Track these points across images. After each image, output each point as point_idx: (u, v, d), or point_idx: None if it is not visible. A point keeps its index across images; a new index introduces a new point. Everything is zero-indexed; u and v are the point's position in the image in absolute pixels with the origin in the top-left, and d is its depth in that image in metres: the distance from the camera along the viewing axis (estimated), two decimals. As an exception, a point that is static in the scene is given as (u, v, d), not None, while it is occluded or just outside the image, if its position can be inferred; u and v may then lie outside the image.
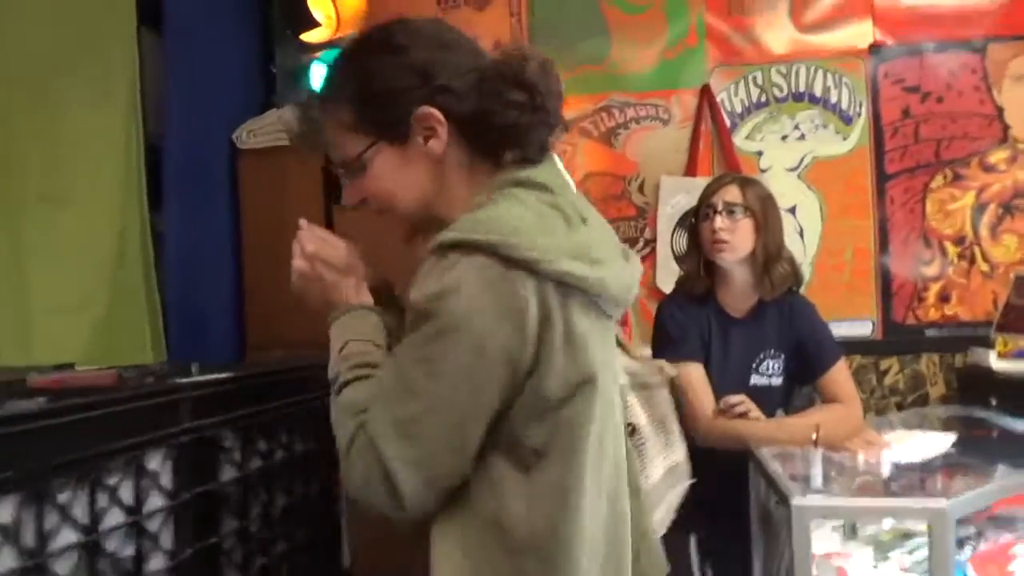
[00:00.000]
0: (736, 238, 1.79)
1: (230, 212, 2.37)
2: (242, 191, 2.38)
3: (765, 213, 1.81)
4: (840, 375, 1.84)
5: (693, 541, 1.94)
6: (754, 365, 1.86)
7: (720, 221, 1.80)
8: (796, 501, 1.29)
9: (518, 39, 2.79)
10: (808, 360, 1.86)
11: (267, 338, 2.24)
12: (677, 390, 1.81)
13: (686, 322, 1.84)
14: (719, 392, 1.80)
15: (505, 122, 0.88)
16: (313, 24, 2.48)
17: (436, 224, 0.89)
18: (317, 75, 2.45)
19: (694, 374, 1.80)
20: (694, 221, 1.89)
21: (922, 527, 1.36)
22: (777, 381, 1.87)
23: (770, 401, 1.89)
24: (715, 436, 1.75)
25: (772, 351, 1.87)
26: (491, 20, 2.80)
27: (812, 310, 1.90)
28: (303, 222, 1.04)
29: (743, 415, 1.71)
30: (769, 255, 1.80)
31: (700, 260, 1.86)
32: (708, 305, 1.88)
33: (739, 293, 1.87)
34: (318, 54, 2.47)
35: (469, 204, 0.88)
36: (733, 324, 1.88)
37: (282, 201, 2.31)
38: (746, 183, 1.86)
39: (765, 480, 1.56)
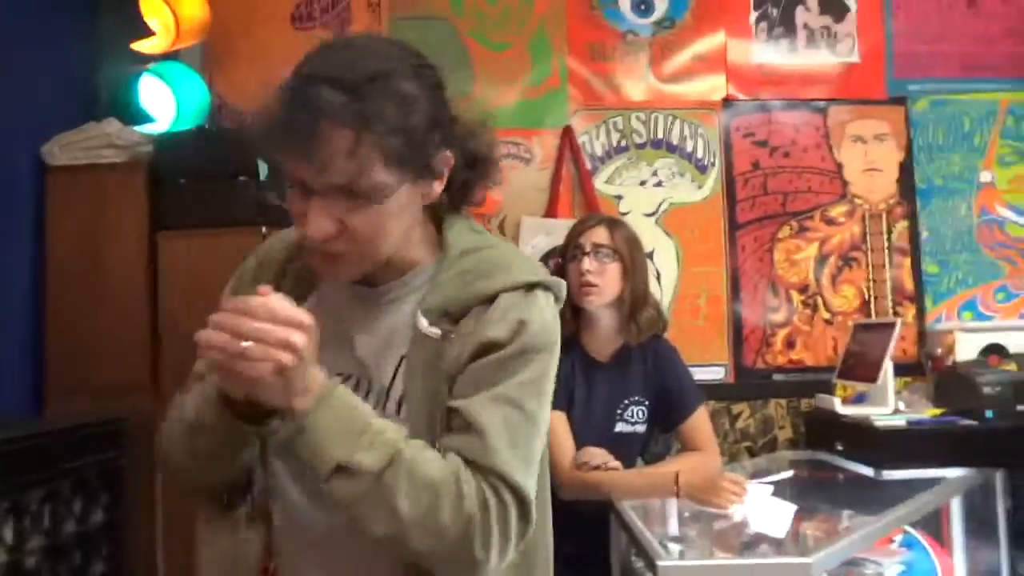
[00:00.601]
0: (604, 281, 1.75)
1: (33, 237, 2.04)
2: (49, 213, 2.06)
3: (632, 256, 1.78)
4: (700, 422, 1.82)
5: None
6: (619, 412, 1.81)
7: (588, 263, 1.75)
8: (662, 563, 1.21)
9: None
10: (671, 406, 1.82)
11: (71, 382, 1.92)
12: None
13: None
14: (583, 440, 1.73)
15: (489, 168, 0.95)
16: (147, 33, 2.24)
17: (387, 264, 0.90)
18: (147, 88, 2.20)
19: (556, 423, 1.71)
20: (561, 262, 1.82)
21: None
22: (641, 428, 1.82)
23: (633, 448, 1.84)
24: (575, 488, 1.67)
25: (637, 397, 1.82)
26: (349, 45, 2.65)
27: (676, 355, 1.87)
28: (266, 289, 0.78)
29: (598, 468, 1.64)
30: (636, 299, 1.77)
31: (568, 303, 1.79)
32: (572, 350, 1.81)
33: (604, 338, 1.82)
34: (150, 65, 2.22)
35: (428, 244, 0.94)
36: (598, 369, 1.82)
37: (97, 226, 2.03)
38: (614, 225, 1.82)
39: (628, 537, 1.47)
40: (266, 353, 0.71)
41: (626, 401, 1.81)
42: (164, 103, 2.25)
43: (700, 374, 2.61)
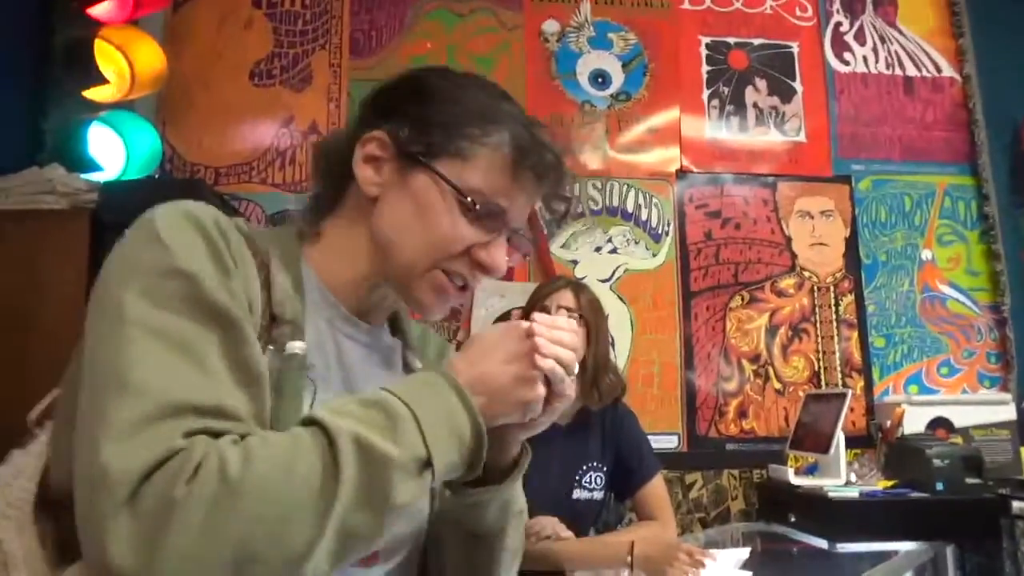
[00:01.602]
0: None
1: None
2: (-18, 257, 1.96)
3: (597, 322, 1.78)
4: (657, 490, 1.78)
5: None
6: (577, 477, 1.76)
7: None
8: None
9: (335, 124, 2.66)
10: (629, 472, 1.79)
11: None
12: None
13: None
14: (540, 506, 1.67)
15: None
16: (100, 81, 2.20)
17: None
18: (96, 136, 2.15)
19: None
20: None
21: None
22: (599, 495, 1.78)
23: (588, 516, 1.79)
24: (526, 558, 1.60)
25: (595, 463, 1.78)
26: (309, 102, 2.66)
27: (634, 421, 1.84)
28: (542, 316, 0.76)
29: (547, 539, 1.58)
30: (598, 365, 1.75)
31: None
32: None
33: None
34: (100, 113, 2.18)
35: None
36: (556, 433, 1.77)
37: (35, 274, 1.93)
38: (580, 289, 1.81)
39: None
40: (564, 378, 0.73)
41: (584, 467, 1.77)
42: (113, 152, 2.19)
43: (654, 442, 2.57)
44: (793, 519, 2.06)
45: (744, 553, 1.59)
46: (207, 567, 0.52)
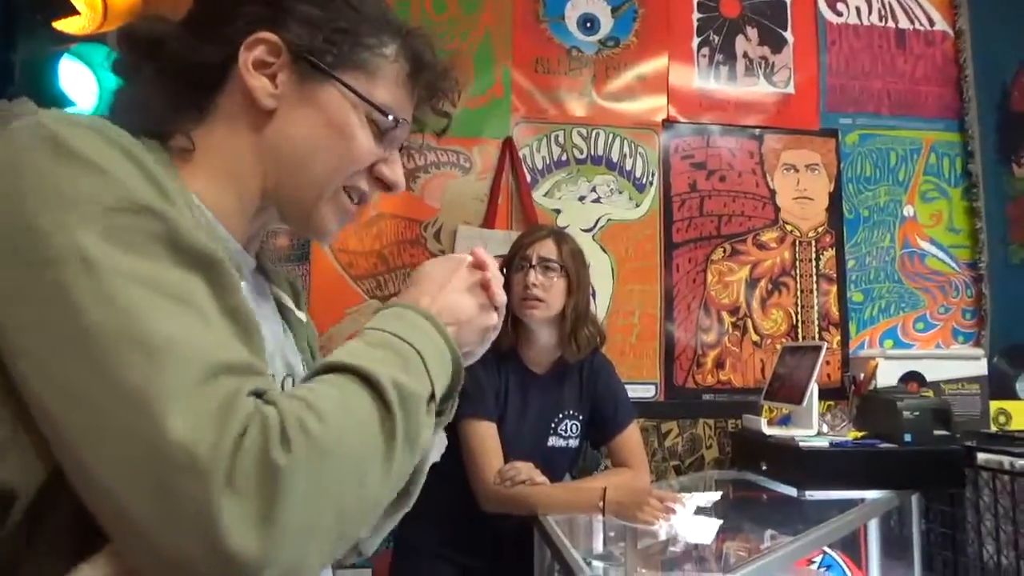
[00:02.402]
0: (549, 296, 1.73)
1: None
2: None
3: (578, 272, 1.77)
4: (632, 438, 1.81)
5: None
6: (553, 425, 1.78)
7: (534, 276, 1.72)
8: (583, 578, 1.17)
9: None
10: (604, 421, 1.81)
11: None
12: (465, 449, 1.68)
13: (484, 379, 1.72)
14: (515, 452, 1.70)
15: None
16: (69, 11, 2.12)
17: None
18: (67, 70, 2.08)
19: (486, 434, 1.68)
20: (505, 273, 1.79)
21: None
22: (574, 443, 1.81)
23: (563, 463, 1.82)
24: (498, 501, 1.63)
25: (571, 411, 1.80)
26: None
27: (611, 370, 1.86)
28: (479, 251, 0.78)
29: (522, 483, 1.61)
30: (578, 316, 1.75)
31: (509, 314, 1.75)
32: (509, 360, 1.77)
33: (542, 351, 1.80)
34: (71, 45, 2.11)
35: None
36: (533, 381, 1.79)
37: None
38: (562, 238, 1.80)
39: (551, 553, 1.44)
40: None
41: (560, 415, 1.79)
42: (85, 86, 2.13)
43: (631, 391, 2.59)
44: (765, 467, 2.10)
45: (714, 496, 1.62)
46: (320, 533, 0.49)
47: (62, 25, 2.13)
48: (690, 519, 1.52)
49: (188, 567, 0.45)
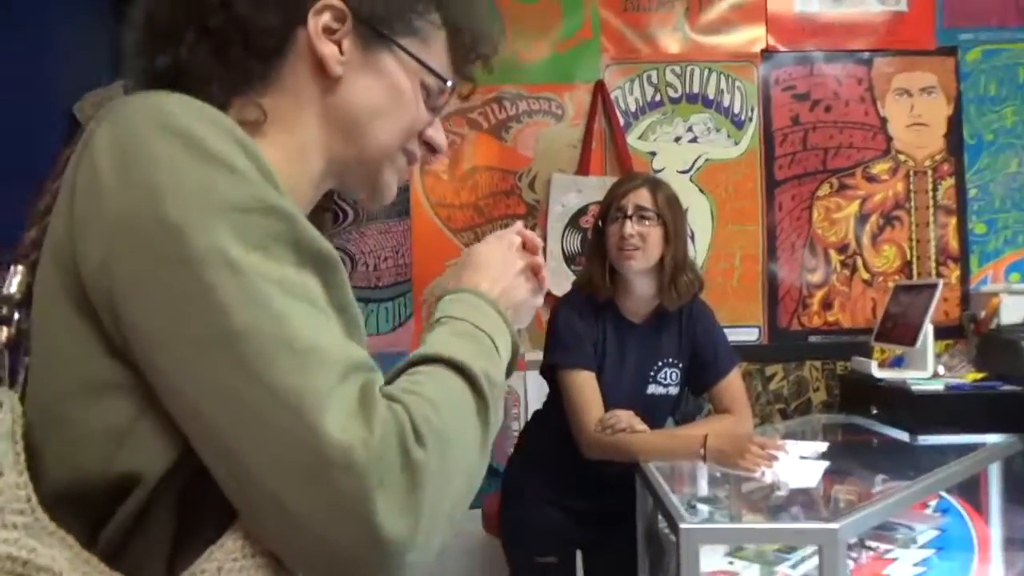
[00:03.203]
0: (646, 246, 1.70)
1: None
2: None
3: (675, 220, 1.72)
4: (733, 385, 1.79)
5: (579, 557, 1.86)
6: (652, 374, 1.78)
7: (630, 227, 1.69)
8: (685, 525, 1.20)
9: None
10: (704, 368, 1.79)
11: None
12: (566, 399, 1.71)
13: (582, 329, 1.74)
14: (614, 400, 1.71)
15: None
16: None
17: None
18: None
19: (585, 383, 1.70)
20: (601, 224, 1.77)
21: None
22: (673, 390, 1.80)
23: (663, 410, 1.82)
24: (600, 448, 1.66)
25: (671, 359, 1.79)
26: None
27: (711, 316, 1.83)
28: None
29: (623, 431, 1.63)
30: (677, 265, 1.71)
31: (606, 266, 1.75)
32: (607, 310, 1.78)
33: (640, 300, 1.78)
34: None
35: None
36: (631, 330, 1.79)
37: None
38: (657, 186, 1.76)
39: (653, 499, 1.46)
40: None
41: (659, 363, 1.79)
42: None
43: (734, 335, 2.56)
44: (875, 411, 2.04)
45: (820, 447, 1.59)
46: (443, 516, 0.53)
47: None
48: (794, 463, 1.51)
49: (344, 553, 0.49)
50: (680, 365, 1.79)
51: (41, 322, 0.54)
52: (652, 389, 1.78)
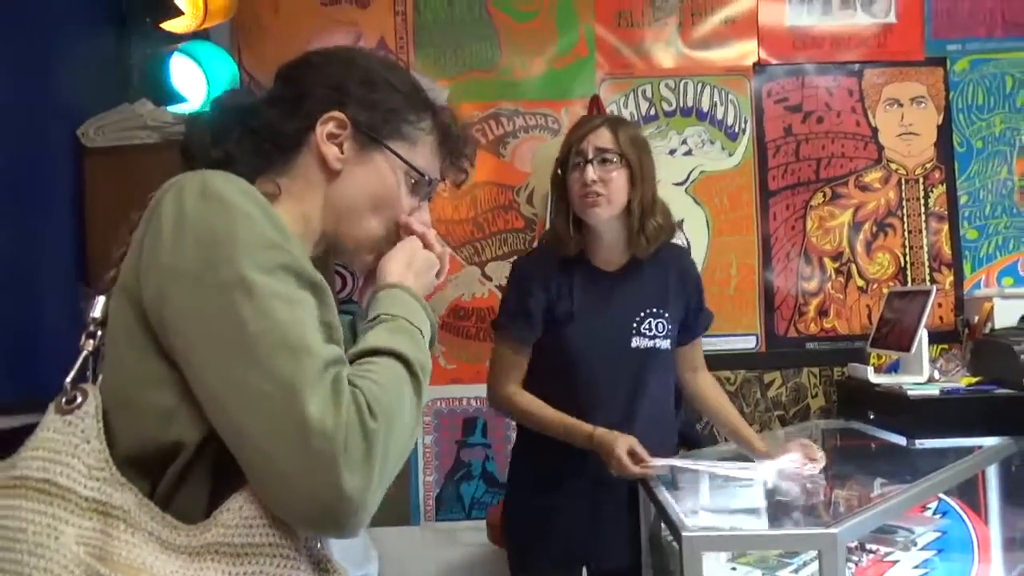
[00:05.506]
0: (610, 191, 1.57)
1: (73, 216, 2.10)
2: (87, 194, 2.11)
3: (640, 161, 1.60)
4: (700, 345, 1.79)
5: (585, 573, 1.82)
6: (635, 325, 1.66)
7: (592, 172, 1.56)
8: (687, 532, 1.22)
9: (403, 38, 2.66)
10: (685, 325, 1.73)
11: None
12: (492, 357, 1.72)
13: (536, 289, 1.64)
14: (594, 355, 1.64)
15: None
16: (175, 12, 2.25)
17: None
18: (178, 67, 2.22)
19: (511, 355, 1.68)
20: (560, 172, 1.65)
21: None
22: (663, 344, 1.67)
23: (657, 365, 1.69)
24: (506, 406, 1.69)
25: (655, 308, 1.67)
26: (375, 17, 2.66)
27: (698, 273, 1.81)
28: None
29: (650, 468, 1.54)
30: (644, 209, 1.59)
31: (570, 217, 1.63)
32: (575, 264, 1.66)
33: (611, 250, 1.67)
34: (179, 45, 2.25)
35: None
36: (606, 280, 1.67)
37: (135, 207, 2.07)
38: (618, 125, 1.63)
39: (655, 508, 1.49)
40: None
41: (642, 313, 1.66)
42: (194, 82, 2.27)
43: (731, 343, 2.61)
44: (872, 416, 2.07)
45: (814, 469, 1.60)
46: (389, 474, 0.70)
47: (169, 26, 2.27)
48: (790, 468, 1.53)
49: (318, 502, 0.65)
50: (666, 315, 1.67)
51: (114, 335, 0.73)
52: (637, 342, 1.66)
